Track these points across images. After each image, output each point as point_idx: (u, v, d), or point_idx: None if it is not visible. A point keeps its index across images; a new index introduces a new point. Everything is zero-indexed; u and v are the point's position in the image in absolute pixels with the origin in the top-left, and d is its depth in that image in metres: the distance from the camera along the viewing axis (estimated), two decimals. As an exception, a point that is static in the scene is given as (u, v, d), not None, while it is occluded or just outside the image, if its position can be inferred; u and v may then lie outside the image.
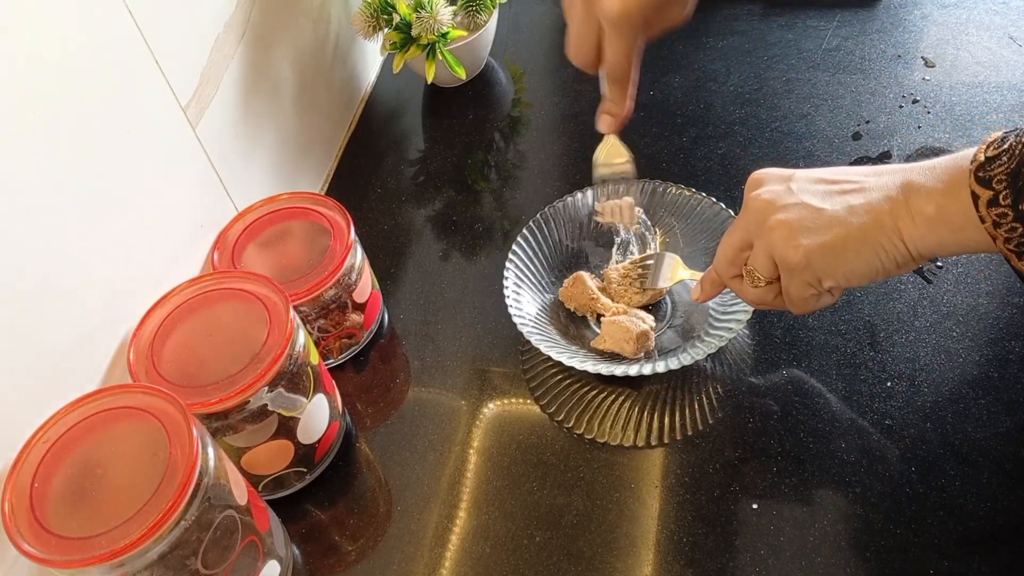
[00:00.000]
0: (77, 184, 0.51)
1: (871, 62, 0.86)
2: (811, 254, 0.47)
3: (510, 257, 0.68)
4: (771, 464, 0.58)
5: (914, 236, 0.45)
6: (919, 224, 0.44)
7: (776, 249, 0.49)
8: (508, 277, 0.67)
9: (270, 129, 0.75)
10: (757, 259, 0.51)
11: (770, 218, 0.49)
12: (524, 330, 0.63)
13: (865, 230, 0.46)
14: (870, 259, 0.46)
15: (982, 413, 0.58)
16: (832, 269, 0.48)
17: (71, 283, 0.51)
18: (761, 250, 0.50)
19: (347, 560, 0.58)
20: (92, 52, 0.51)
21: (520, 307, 0.66)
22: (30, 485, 0.44)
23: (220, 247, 0.65)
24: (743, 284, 0.54)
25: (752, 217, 0.51)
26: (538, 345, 0.62)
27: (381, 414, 0.66)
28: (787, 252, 0.48)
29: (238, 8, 0.68)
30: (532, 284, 0.69)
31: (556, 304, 0.70)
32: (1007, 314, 0.63)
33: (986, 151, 0.42)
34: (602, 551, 0.56)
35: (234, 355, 0.53)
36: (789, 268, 0.49)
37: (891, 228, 0.45)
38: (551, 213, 0.71)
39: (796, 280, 0.49)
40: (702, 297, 0.59)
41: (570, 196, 0.71)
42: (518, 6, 1.03)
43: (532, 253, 0.70)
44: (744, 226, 0.52)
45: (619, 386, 0.64)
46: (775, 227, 0.48)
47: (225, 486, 0.48)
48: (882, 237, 0.45)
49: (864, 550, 0.53)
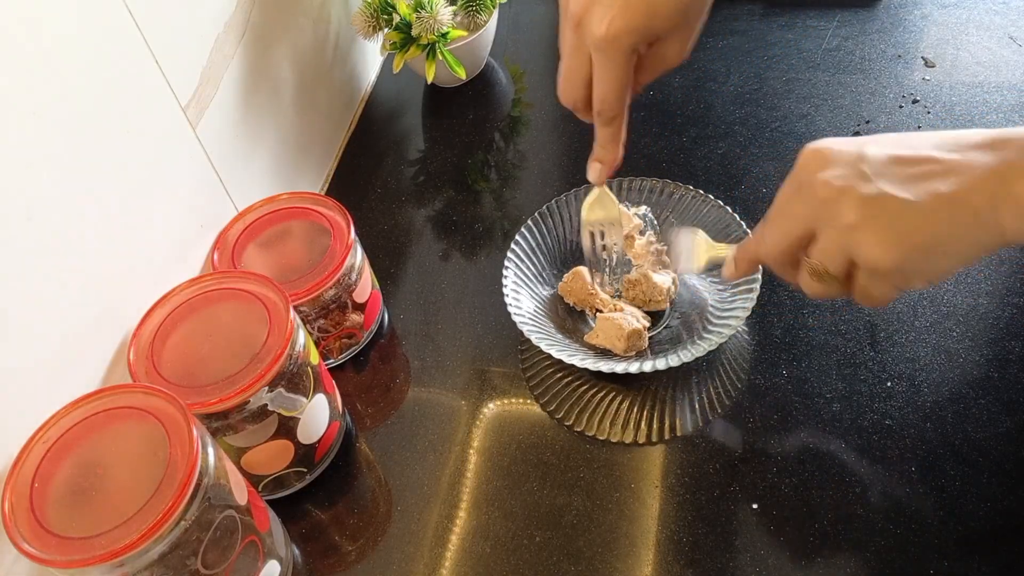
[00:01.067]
0: (77, 184, 0.51)
1: (871, 62, 0.86)
2: (905, 257, 0.41)
3: (508, 256, 0.68)
4: (771, 464, 0.58)
5: (1019, 227, 0.39)
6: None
7: (860, 251, 0.42)
8: (507, 275, 0.67)
9: (270, 129, 0.75)
10: (829, 255, 0.44)
11: (848, 212, 0.42)
12: (525, 328, 0.63)
13: (962, 227, 0.40)
14: (967, 256, 0.41)
15: (982, 413, 0.58)
16: (926, 271, 0.42)
17: (71, 283, 0.51)
18: (836, 247, 0.44)
19: (347, 560, 0.58)
20: (92, 52, 0.51)
21: (519, 303, 0.66)
22: (30, 485, 0.44)
23: (220, 247, 0.65)
24: (801, 275, 0.47)
25: (823, 208, 0.43)
26: (538, 343, 0.62)
27: (381, 414, 0.66)
28: (875, 256, 0.42)
29: (238, 8, 0.68)
30: (531, 278, 0.69)
31: (555, 299, 0.70)
32: (1007, 314, 0.63)
33: None
34: (602, 551, 0.56)
35: (234, 355, 0.53)
36: (878, 271, 0.43)
37: (991, 222, 0.39)
38: (551, 209, 0.71)
39: (882, 282, 0.44)
40: (736, 275, 0.53)
41: (571, 192, 0.71)
42: (518, 6, 1.03)
43: (532, 248, 0.70)
44: (809, 216, 0.44)
45: (618, 385, 0.64)
46: (858, 225, 0.42)
47: (225, 486, 0.48)
48: (980, 233, 0.40)
49: (864, 550, 0.53)
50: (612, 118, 0.52)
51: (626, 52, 0.48)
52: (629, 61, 0.49)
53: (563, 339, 0.65)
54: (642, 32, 0.48)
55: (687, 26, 0.49)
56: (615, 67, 0.49)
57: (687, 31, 0.50)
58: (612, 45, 0.48)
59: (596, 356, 0.63)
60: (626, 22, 0.47)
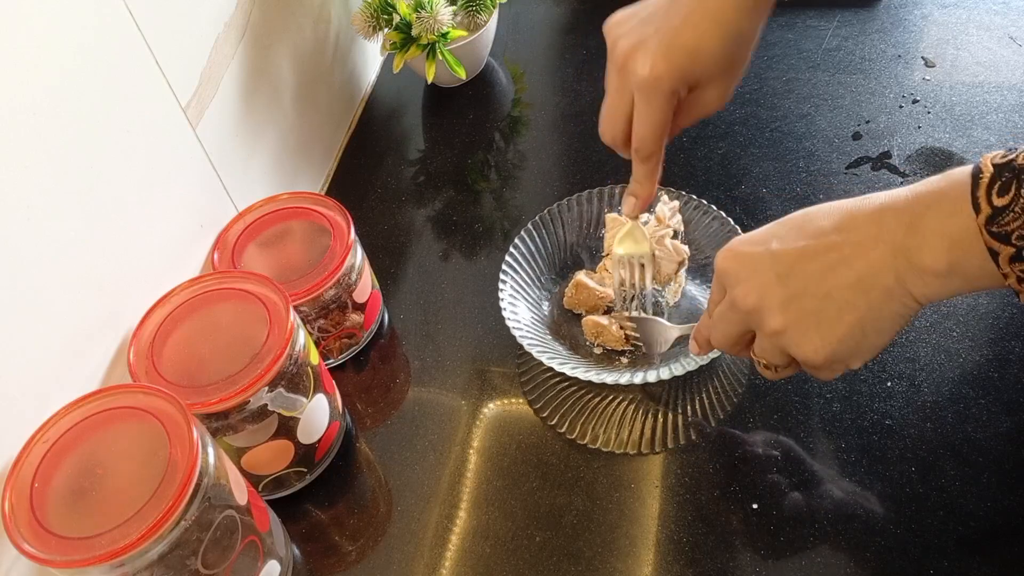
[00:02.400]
0: (77, 184, 0.51)
1: (871, 62, 0.86)
2: (832, 351, 0.44)
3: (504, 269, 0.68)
4: (771, 464, 0.58)
5: (927, 294, 0.41)
6: (930, 283, 0.41)
7: (791, 351, 0.46)
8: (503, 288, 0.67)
9: (270, 129, 0.75)
10: (768, 354, 0.48)
11: (771, 321, 0.45)
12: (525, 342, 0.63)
13: (878, 307, 0.42)
14: (890, 330, 0.44)
15: (982, 413, 0.58)
16: (859, 353, 0.45)
17: (71, 283, 0.51)
18: (771, 348, 0.47)
19: (347, 560, 0.58)
20: (92, 52, 0.51)
21: (516, 312, 0.66)
22: (30, 485, 0.44)
23: (220, 247, 0.65)
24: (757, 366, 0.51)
25: (748, 318, 0.47)
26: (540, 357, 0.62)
27: (381, 414, 0.66)
28: (807, 354, 0.45)
29: (238, 8, 0.68)
30: (528, 287, 0.69)
31: (553, 306, 0.70)
32: (1007, 314, 0.63)
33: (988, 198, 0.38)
34: (602, 551, 0.56)
35: (234, 355, 0.53)
36: (813, 367, 0.46)
37: (901, 293, 0.42)
38: (544, 220, 0.71)
39: (823, 372, 0.47)
40: (702, 351, 0.56)
41: (567, 199, 0.71)
42: (518, 6, 1.03)
43: (528, 256, 0.70)
44: (741, 323, 0.48)
45: (616, 388, 0.64)
46: (782, 331, 0.45)
47: (225, 486, 0.48)
48: (895, 306, 0.42)
49: (864, 550, 0.53)
50: (649, 156, 0.53)
51: (667, 94, 0.50)
52: (669, 103, 0.50)
53: (560, 348, 0.65)
54: (684, 76, 0.49)
55: (729, 73, 0.51)
56: (655, 108, 0.50)
57: (729, 78, 0.51)
58: (654, 87, 0.49)
59: (594, 367, 0.63)
60: (669, 66, 0.49)
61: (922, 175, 0.74)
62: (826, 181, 0.76)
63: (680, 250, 0.66)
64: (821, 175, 0.76)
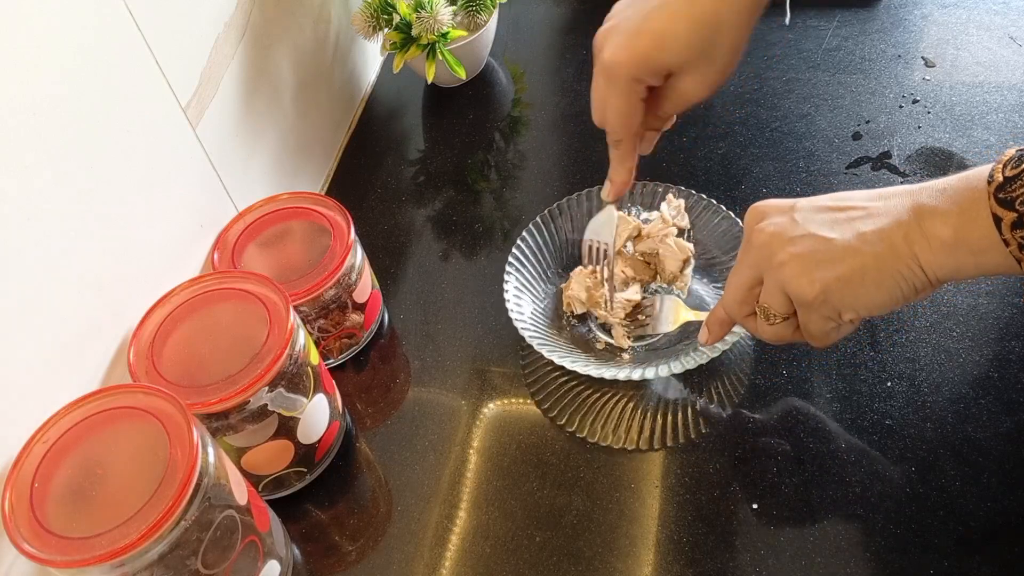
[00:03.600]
0: (77, 184, 0.51)
1: (871, 62, 0.86)
2: (828, 288, 0.45)
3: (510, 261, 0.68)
4: (771, 464, 0.58)
5: (932, 262, 0.43)
6: (936, 249, 0.42)
7: (790, 285, 0.46)
8: (508, 280, 0.67)
9: (270, 129, 0.75)
10: (770, 296, 0.49)
11: (778, 252, 0.47)
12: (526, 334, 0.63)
13: (881, 258, 0.43)
14: (890, 288, 0.44)
15: (982, 413, 0.58)
16: (851, 301, 0.45)
17: (71, 283, 0.51)
18: (773, 286, 0.48)
19: (347, 560, 0.58)
20: (92, 52, 0.51)
21: (521, 308, 0.66)
22: (30, 485, 0.44)
23: (220, 247, 0.65)
24: (757, 322, 0.51)
25: (759, 253, 0.48)
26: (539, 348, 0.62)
27: (381, 414, 0.66)
28: (802, 287, 0.46)
29: (238, 8, 0.68)
30: (532, 282, 0.69)
31: (557, 302, 0.70)
32: (1007, 314, 0.63)
33: (1003, 170, 0.40)
34: (602, 551, 0.56)
35: (234, 355, 0.53)
36: (806, 303, 0.46)
37: (907, 254, 0.43)
38: (553, 213, 0.71)
39: (815, 315, 0.47)
40: (710, 339, 0.57)
41: (574, 196, 0.71)
42: (518, 6, 1.03)
43: (534, 250, 0.70)
44: (752, 263, 0.49)
45: (619, 386, 0.64)
46: (786, 262, 0.46)
47: (225, 486, 0.48)
48: (899, 264, 0.43)
49: (864, 550, 0.53)
50: (618, 141, 0.53)
51: (626, 80, 0.49)
52: (631, 89, 0.50)
53: (564, 343, 0.65)
54: (647, 62, 0.48)
55: (706, 62, 0.49)
56: (618, 93, 0.50)
57: (705, 66, 0.49)
58: (612, 72, 0.49)
59: (597, 362, 0.63)
60: (630, 53, 0.48)
61: (922, 175, 0.74)
62: (826, 181, 0.76)
63: (684, 247, 0.66)
64: (821, 175, 0.76)
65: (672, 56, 0.48)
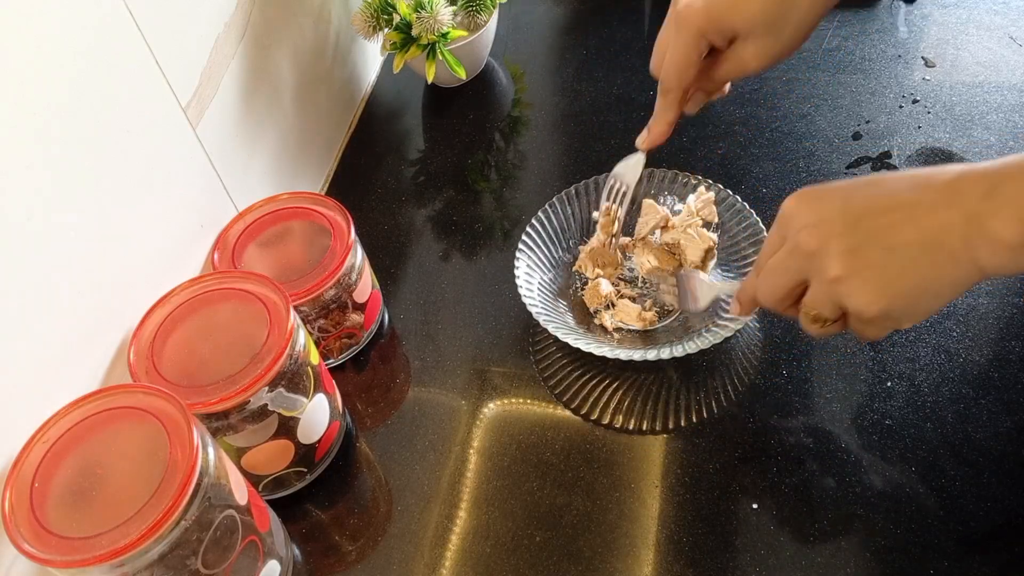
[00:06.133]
0: (77, 184, 0.51)
1: (871, 62, 0.86)
2: (889, 305, 0.43)
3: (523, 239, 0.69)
4: (771, 464, 0.58)
5: (995, 264, 0.40)
6: (1000, 253, 0.40)
7: (848, 302, 0.44)
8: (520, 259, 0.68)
9: (270, 129, 0.75)
10: (820, 303, 0.46)
11: (832, 267, 0.44)
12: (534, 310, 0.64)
13: (941, 270, 0.42)
14: (948, 296, 0.43)
15: (982, 413, 0.58)
16: (912, 314, 0.44)
17: (71, 283, 0.51)
18: (825, 297, 0.46)
19: (347, 560, 0.58)
20: (92, 52, 0.51)
21: (531, 287, 0.67)
22: (30, 485, 0.44)
23: (220, 247, 0.65)
24: (801, 317, 0.49)
25: (807, 262, 0.45)
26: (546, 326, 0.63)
27: (381, 414, 0.66)
28: (861, 306, 0.44)
29: (238, 8, 0.68)
30: (544, 263, 0.70)
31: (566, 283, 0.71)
32: (1007, 314, 0.63)
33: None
34: (602, 551, 0.56)
35: (234, 355, 0.53)
36: (866, 320, 0.45)
37: (967, 260, 0.41)
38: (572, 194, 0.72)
39: (872, 327, 0.46)
40: (742, 313, 0.55)
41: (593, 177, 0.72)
42: (518, 6, 1.03)
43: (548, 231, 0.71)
44: (798, 268, 0.46)
45: (621, 383, 0.64)
46: (843, 279, 0.44)
47: (225, 486, 0.48)
48: (959, 273, 0.41)
49: (864, 550, 0.53)
50: (667, 90, 0.55)
51: (692, 32, 0.51)
52: (695, 42, 0.51)
53: (572, 324, 0.66)
54: (717, 21, 0.50)
55: (770, 35, 0.50)
56: (681, 43, 0.52)
57: (770, 38, 0.51)
58: (683, 21, 0.51)
59: (605, 343, 0.64)
60: (705, 5, 0.50)
61: (922, 175, 0.74)
62: (826, 181, 0.75)
63: (706, 237, 0.66)
64: (821, 175, 0.76)
65: (742, 20, 0.50)
